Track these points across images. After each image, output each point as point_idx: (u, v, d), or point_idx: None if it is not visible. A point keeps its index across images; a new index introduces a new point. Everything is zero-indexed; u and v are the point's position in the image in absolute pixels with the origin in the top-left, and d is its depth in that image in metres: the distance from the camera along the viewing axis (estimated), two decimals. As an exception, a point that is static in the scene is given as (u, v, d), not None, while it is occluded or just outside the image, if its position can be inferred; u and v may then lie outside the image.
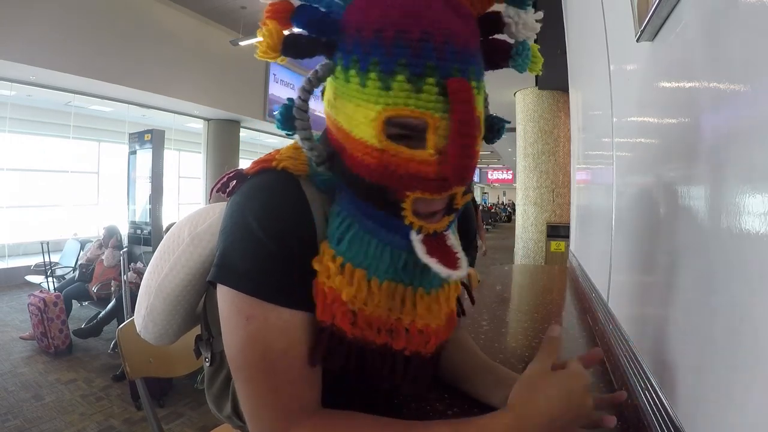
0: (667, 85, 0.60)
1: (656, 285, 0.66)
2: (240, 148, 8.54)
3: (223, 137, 8.16)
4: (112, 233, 4.16)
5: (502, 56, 0.46)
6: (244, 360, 0.44)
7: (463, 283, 0.63)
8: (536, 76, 5.24)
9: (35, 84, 5.65)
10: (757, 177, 0.34)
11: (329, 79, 0.45)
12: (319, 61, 0.45)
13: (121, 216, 6.14)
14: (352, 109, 0.42)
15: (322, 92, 0.48)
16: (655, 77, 0.67)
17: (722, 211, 0.41)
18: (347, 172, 0.45)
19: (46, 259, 4.48)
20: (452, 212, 0.46)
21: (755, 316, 0.34)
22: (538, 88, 5.70)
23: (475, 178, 28.91)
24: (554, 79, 5.15)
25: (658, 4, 0.56)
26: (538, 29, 0.44)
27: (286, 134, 0.48)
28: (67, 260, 5.00)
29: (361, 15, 0.41)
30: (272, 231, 0.44)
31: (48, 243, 4.57)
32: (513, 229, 6.77)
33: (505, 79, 5.63)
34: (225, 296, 0.45)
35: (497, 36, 0.46)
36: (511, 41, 0.46)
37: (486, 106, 0.51)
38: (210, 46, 6.77)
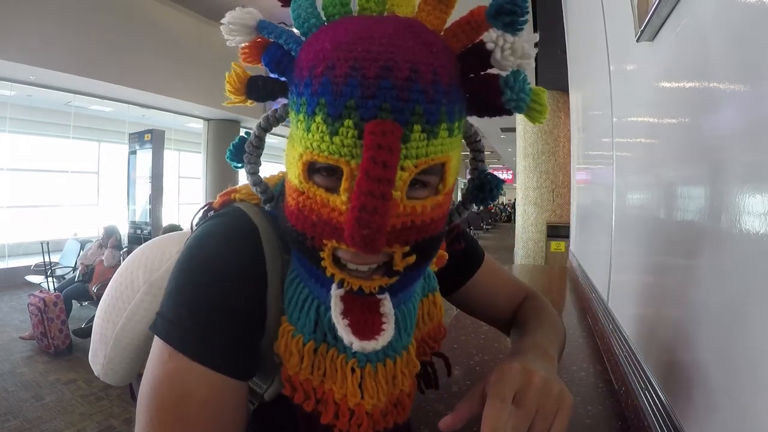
0: (667, 85, 0.60)
1: (656, 285, 0.66)
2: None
3: (223, 137, 8.15)
4: (111, 233, 4.16)
5: (490, 93, 0.36)
6: (152, 404, 0.39)
7: (441, 354, 0.56)
8: (536, 77, 5.25)
9: (35, 84, 5.65)
10: (757, 177, 0.34)
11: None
12: None
13: (121, 216, 6.15)
14: (290, 149, 0.39)
15: None
16: (655, 77, 0.67)
17: (722, 211, 0.41)
18: (282, 216, 0.42)
19: (46, 259, 4.48)
20: (392, 275, 0.39)
21: (755, 316, 0.34)
22: (538, 88, 5.70)
23: (475, 178, 28.93)
24: (554, 79, 5.15)
25: (658, 4, 0.56)
26: (532, 57, 0.35)
27: (234, 167, 0.47)
28: (67, 260, 5.00)
29: (306, 49, 0.37)
30: (217, 288, 0.40)
31: (48, 243, 4.57)
32: (513, 229, 6.78)
33: (505, 79, 5.63)
34: (155, 341, 0.41)
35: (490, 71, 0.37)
36: (504, 73, 0.36)
37: (480, 159, 0.47)
38: (210, 46, 6.76)
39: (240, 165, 0.46)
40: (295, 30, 0.40)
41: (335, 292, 0.38)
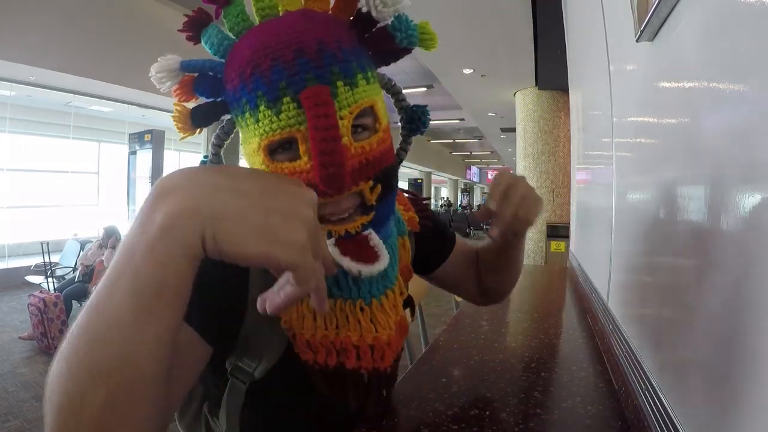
0: (667, 85, 0.60)
1: (656, 285, 0.66)
2: (240, 148, 8.56)
3: (223, 137, 8.16)
4: (111, 233, 4.16)
5: (385, 41, 0.45)
6: None
7: (409, 296, 0.60)
8: (536, 77, 5.25)
9: (35, 84, 5.65)
10: (757, 177, 0.34)
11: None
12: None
13: (121, 216, 6.15)
14: (247, 147, 0.46)
15: None
16: (655, 77, 0.67)
17: (722, 211, 0.41)
18: None
19: (46, 260, 4.48)
20: (368, 211, 0.45)
21: (755, 315, 0.34)
22: (538, 88, 5.70)
23: (475, 178, 28.98)
24: (554, 79, 5.16)
25: (658, 4, 0.56)
26: (399, 2, 0.44)
27: None
28: (67, 260, 5.00)
29: (230, 65, 0.44)
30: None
31: (48, 243, 4.56)
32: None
33: (505, 80, 5.63)
34: None
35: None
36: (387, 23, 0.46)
37: (401, 99, 0.55)
38: (210, 47, 6.76)
39: None
40: (214, 57, 0.47)
41: (328, 242, 0.43)
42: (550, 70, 4.87)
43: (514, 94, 6.06)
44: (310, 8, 0.44)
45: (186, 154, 9.53)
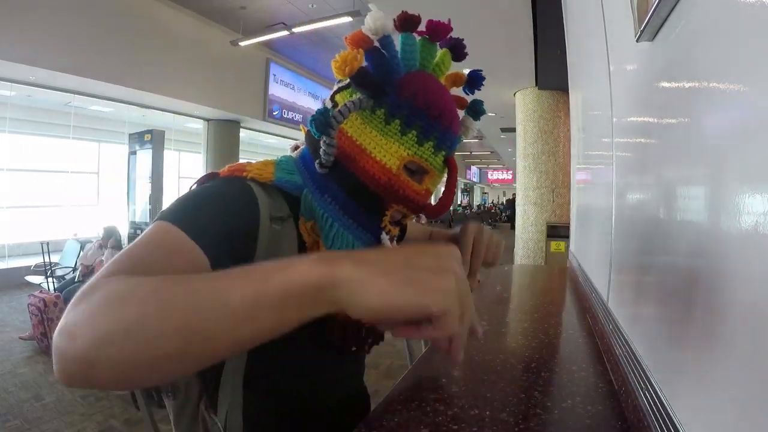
0: (667, 85, 0.61)
1: (656, 285, 0.66)
2: (240, 148, 8.56)
3: (223, 137, 8.16)
4: (110, 234, 4.16)
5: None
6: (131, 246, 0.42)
7: None
8: (536, 77, 5.25)
9: (35, 84, 5.65)
10: (757, 177, 0.34)
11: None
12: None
13: (121, 216, 6.15)
14: (382, 141, 0.54)
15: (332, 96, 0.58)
16: (655, 77, 0.67)
17: (722, 211, 0.41)
18: (350, 177, 0.55)
19: (46, 260, 4.48)
20: (399, 224, 0.62)
21: (755, 316, 0.34)
22: (538, 88, 5.70)
23: (475, 178, 29.00)
24: (554, 79, 5.16)
25: (658, 4, 0.56)
26: (475, 131, 0.68)
27: (315, 134, 0.53)
28: (67, 260, 5.00)
29: (416, 88, 0.55)
30: (214, 205, 0.49)
31: (48, 243, 4.57)
32: (513, 228, 6.76)
33: (505, 80, 5.63)
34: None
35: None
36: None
37: None
38: (210, 46, 6.77)
39: (320, 135, 0.53)
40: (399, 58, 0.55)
41: (386, 237, 0.57)
42: (550, 70, 4.88)
43: (514, 94, 6.07)
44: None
45: (186, 154, 9.53)
